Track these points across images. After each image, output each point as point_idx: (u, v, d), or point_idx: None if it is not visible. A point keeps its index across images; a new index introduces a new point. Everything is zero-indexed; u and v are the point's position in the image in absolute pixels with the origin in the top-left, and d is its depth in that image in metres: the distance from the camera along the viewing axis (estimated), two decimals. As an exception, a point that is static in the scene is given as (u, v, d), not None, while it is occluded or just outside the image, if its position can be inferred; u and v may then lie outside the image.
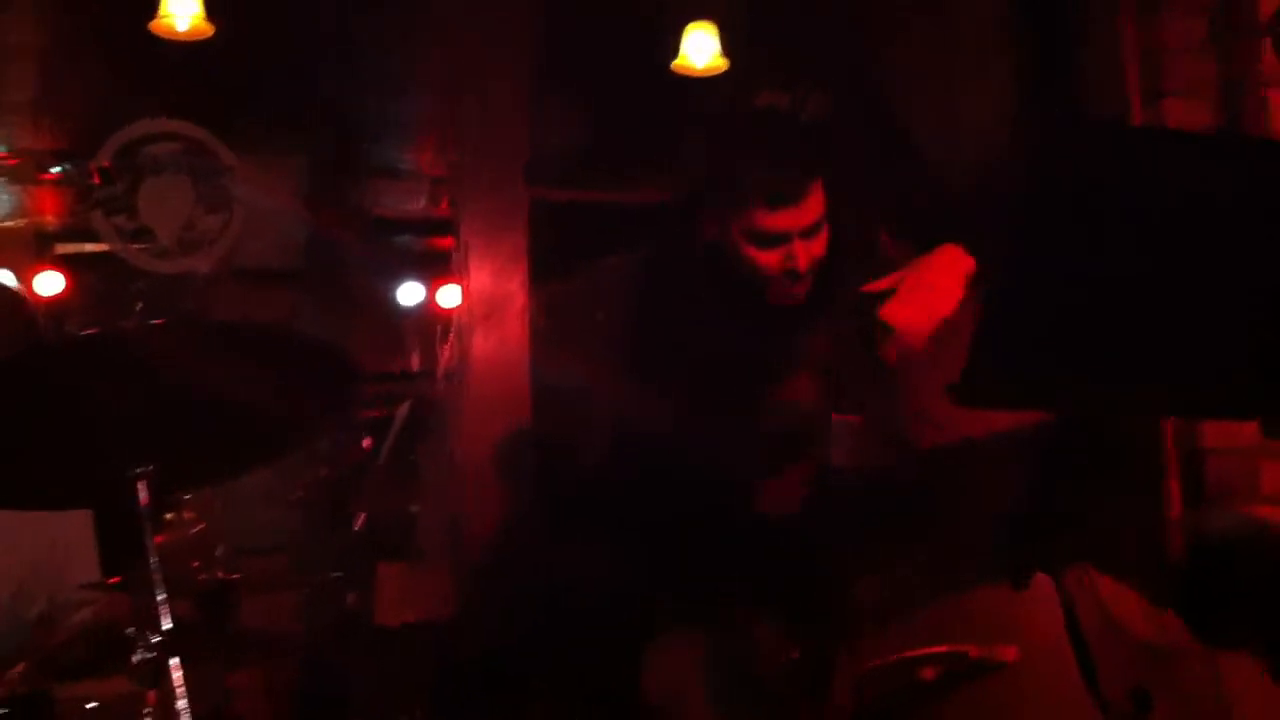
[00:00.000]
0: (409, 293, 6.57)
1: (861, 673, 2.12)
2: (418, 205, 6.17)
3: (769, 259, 2.43)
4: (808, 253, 2.42)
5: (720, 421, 2.40)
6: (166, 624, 2.04)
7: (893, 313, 2.29)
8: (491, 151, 4.33)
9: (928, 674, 2.07)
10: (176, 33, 4.21)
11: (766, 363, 2.46)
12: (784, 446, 2.37)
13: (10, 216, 5.65)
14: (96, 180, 5.17)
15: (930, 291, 2.31)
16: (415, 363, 6.78)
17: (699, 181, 2.56)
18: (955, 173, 2.46)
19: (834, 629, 2.18)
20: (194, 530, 2.89)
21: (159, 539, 2.14)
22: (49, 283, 5.67)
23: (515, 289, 4.29)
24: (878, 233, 2.60)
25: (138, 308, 4.99)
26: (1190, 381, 1.46)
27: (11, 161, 5.43)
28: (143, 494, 2.08)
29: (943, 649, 2.07)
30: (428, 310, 6.48)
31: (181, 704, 1.98)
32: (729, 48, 4.53)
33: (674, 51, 4.55)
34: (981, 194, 2.36)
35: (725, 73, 4.51)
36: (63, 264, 5.76)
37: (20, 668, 2.53)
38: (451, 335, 4.69)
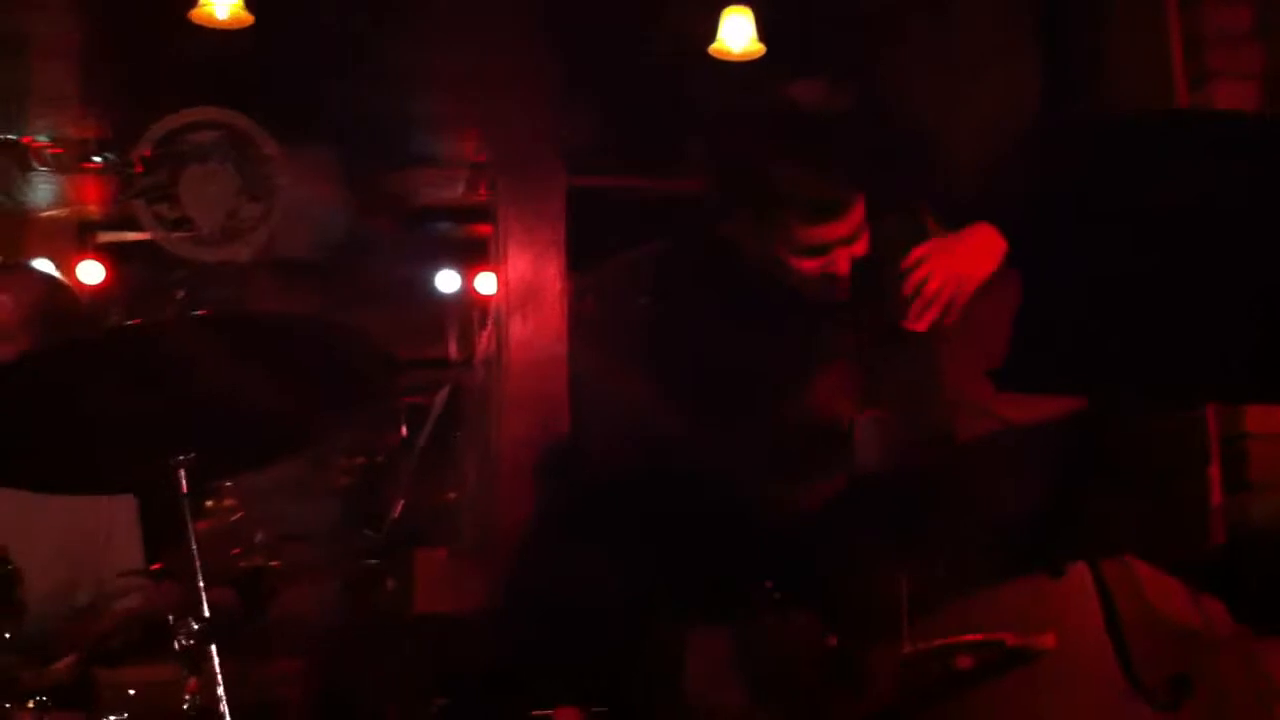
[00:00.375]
0: (447, 280, 6.60)
1: (898, 661, 2.12)
2: (456, 192, 6.18)
3: (810, 266, 2.36)
4: (849, 256, 2.36)
5: (734, 421, 2.37)
6: (206, 611, 2.06)
7: (921, 277, 2.28)
8: (530, 138, 4.33)
9: (964, 663, 2.06)
10: (216, 21, 4.23)
11: (789, 362, 2.42)
12: (812, 450, 2.34)
13: (53, 206, 5.69)
14: (139, 169, 5.19)
15: (959, 258, 2.29)
16: (453, 350, 6.81)
17: (725, 178, 2.51)
18: (959, 170, 2.43)
19: (870, 618, 2.17)
20: (234, 518, 2.91)
21: (200, 526, 2.16)
22: (90, 272, 5.73)
23: (552, 275, 4.29)
24: (920, 218, 2.55)
25: (178, 296, 5.03)
26: (1232, 368, 1.45)
27: (54, 151, 5.46)
28: (182, 482, 2.09)
29: (979, 637, 2.06)
30: (466, 297, 6.51)
31: (220, 691, 1.99)
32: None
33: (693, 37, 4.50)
34: (985, 189, 2.33)
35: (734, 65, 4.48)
36: (104, 253, 5.81)
37: (69, 659, 2.56)
38: (489, 322, 4.70)
